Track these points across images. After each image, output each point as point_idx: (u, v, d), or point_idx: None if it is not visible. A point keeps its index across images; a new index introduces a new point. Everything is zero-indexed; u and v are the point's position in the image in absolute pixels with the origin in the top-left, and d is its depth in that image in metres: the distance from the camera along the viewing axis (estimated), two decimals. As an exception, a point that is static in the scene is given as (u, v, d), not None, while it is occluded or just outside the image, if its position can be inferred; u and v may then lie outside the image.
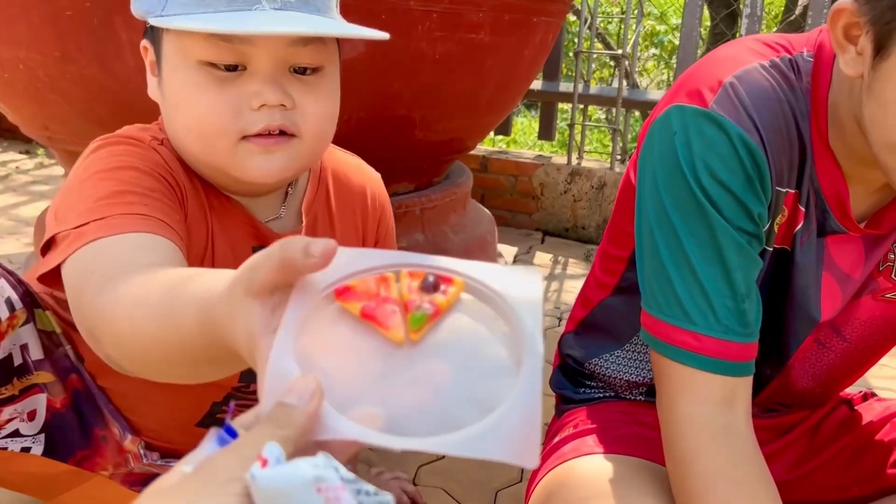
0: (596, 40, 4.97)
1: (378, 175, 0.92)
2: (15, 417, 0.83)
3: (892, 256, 0.83)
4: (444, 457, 1.32)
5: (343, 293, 0.42)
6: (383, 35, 0.72)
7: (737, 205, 0.73)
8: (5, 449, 0.83)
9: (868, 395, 1.07)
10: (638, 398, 0.98)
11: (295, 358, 0.39)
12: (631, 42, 2.73)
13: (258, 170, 0.71)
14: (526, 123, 6.39)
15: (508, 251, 2.51)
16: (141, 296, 0.56)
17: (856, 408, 1.05)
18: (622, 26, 2.73)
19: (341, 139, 1.57)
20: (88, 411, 0.89)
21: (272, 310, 0.41)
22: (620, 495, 0.80)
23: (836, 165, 0.76)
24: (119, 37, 1.35)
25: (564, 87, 2.90)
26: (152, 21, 0.71)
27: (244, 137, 0.70)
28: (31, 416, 0.84)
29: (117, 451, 0.92)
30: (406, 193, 1.84)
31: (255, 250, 0.76)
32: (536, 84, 2.92)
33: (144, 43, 0.77)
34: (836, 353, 0.90)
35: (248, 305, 0.41)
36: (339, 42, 0.78)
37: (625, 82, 2.89)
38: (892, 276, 0.84)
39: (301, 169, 0.77)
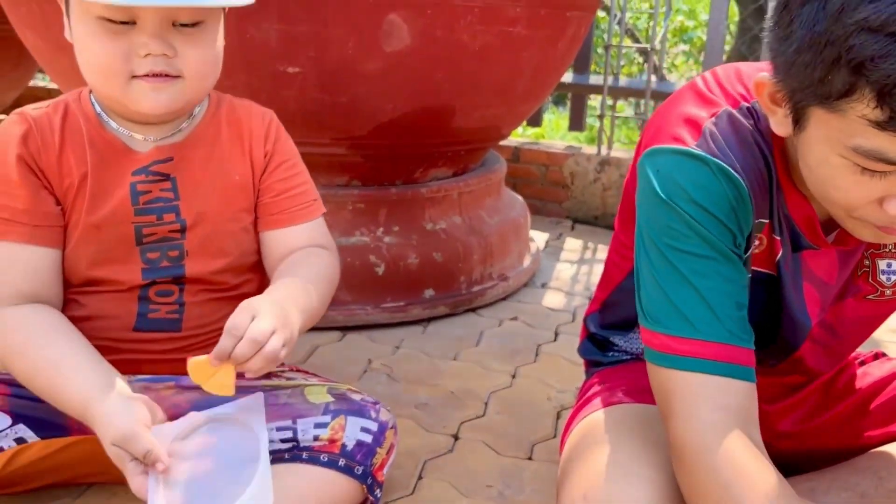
0: (625, 36, 5.03)
1: (270, 111, 1.05)
2: None
3: (867, 263, 0.91)
4: (484, 413, 1.44)
5: None
6: (245, 1, 0.88)
7: (723, 228, 0.78)
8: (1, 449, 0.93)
9: (879, 355, 1.15)
10: None
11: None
12: (659, 36, 2.82)
13: (149, 102, 0.88)
14: (555, 120, 6.47)
15: (540, 237, 2.61)
16: (22, 344, 0.87)
17: (866, 366, 1.14)
18: (651, 22, 2.81)
19: (387, 126, 1.69)
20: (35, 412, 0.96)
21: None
22: (646, 436, 0.90)
23: (801, 195, 0.83)
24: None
25: (594, 80, 3.00)
26: None
27: (135, 76, 0.87)
28: None
29: None
30: (445, 178, 1.95)
31: (133, 174, 0.94)
32: (567, 77, 3.01)
33: None
34: (832, 346, 0.99)
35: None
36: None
37: (653, 76, 2.97)
38: (869, 280, 0.92)
39: (188, 103, 0.93)
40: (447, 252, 1.86)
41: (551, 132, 6.14)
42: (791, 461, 1.10)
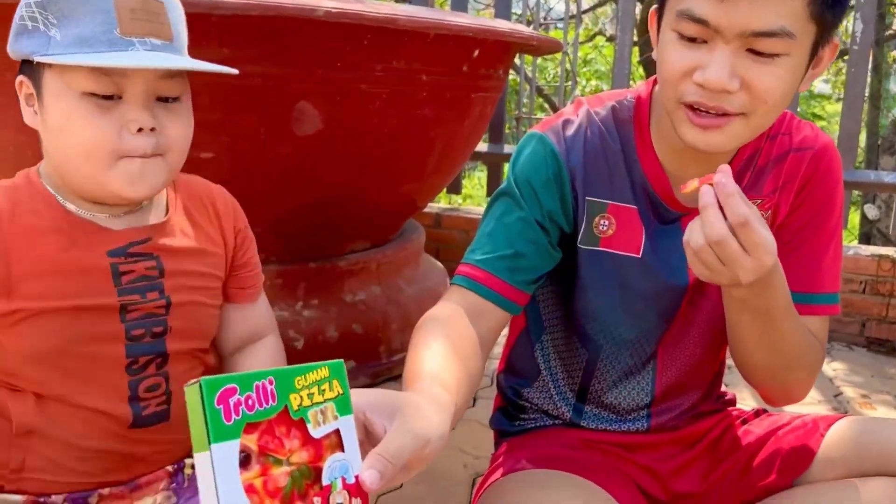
0: (542, 100, 5.26)
1: (221, 187, 1.04)
2: None
3: None
4: (401, 486, 1.46)
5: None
6: (232, 70, 0.86)
7: (533, 197, 0.97)
8: None
9: (760, 412, 1.25)
10: (558, 424, 1.16)
11: None
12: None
13: (133, 187, 0.83)
14: (483, 178, 6.68)
15: (462, 301, 2.67)
16: None
17: (749, 423, 1.23)
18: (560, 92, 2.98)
19: (302, 206, 1.74)
20: None
21: None
22: (539, 499, 0.96)
23: (658, 163, 0.97)
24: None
25: (508, 149, 3.13)
26: (38, 59, 0.79)
27: (123, 157, 0.82)
28: None
29: None
30: (363, 250, 2.01)
31: (109, 255, 0.88)
32: (483, 146, 3.14)
33: (21, 78, 0.84)
34: (703, 314, 1.07)
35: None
36: (191, 77, 0.90)
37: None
38: None
39: (166, 183, 0.89)
40: (366, 323, 1.89)
41: (480, 190, 6.33)
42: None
